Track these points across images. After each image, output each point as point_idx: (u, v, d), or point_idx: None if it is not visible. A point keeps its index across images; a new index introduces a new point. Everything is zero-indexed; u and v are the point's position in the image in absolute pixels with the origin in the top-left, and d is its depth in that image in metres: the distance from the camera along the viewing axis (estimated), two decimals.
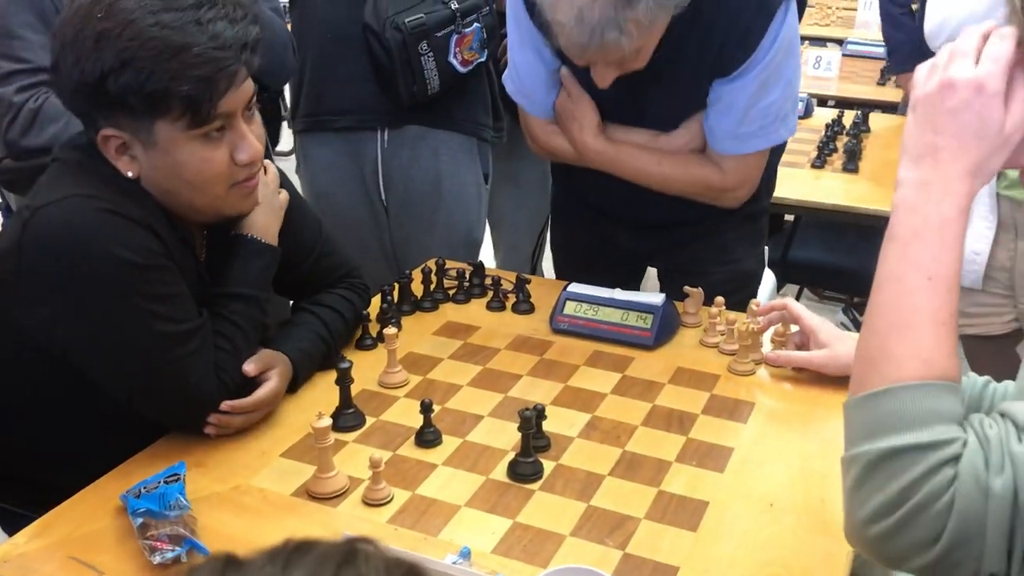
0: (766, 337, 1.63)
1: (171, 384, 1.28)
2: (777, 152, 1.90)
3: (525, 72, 1.81)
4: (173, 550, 1.09)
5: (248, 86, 1.28)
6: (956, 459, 0.78)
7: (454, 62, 2.03)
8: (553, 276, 2.24)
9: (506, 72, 1.89)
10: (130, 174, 1.27)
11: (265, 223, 1.45)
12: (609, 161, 1.77)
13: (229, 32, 1.22)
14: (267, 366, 1.40)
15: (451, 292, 1.83)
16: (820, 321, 1.52)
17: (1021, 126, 0.86)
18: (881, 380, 0.83)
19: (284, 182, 1.56)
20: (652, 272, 2.15)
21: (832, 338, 1.48)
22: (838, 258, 3.08)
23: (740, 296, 1.83)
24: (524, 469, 1.28)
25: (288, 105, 2.48)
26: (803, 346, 1.54)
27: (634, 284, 2.08)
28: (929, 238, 0.85)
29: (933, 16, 2.41)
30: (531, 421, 1.27)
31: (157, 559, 1.08)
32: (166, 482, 1.21)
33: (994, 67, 0.86)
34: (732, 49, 1.61)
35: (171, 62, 1.18)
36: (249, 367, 1.37)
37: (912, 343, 0.83)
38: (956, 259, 0.85)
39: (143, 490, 1.20)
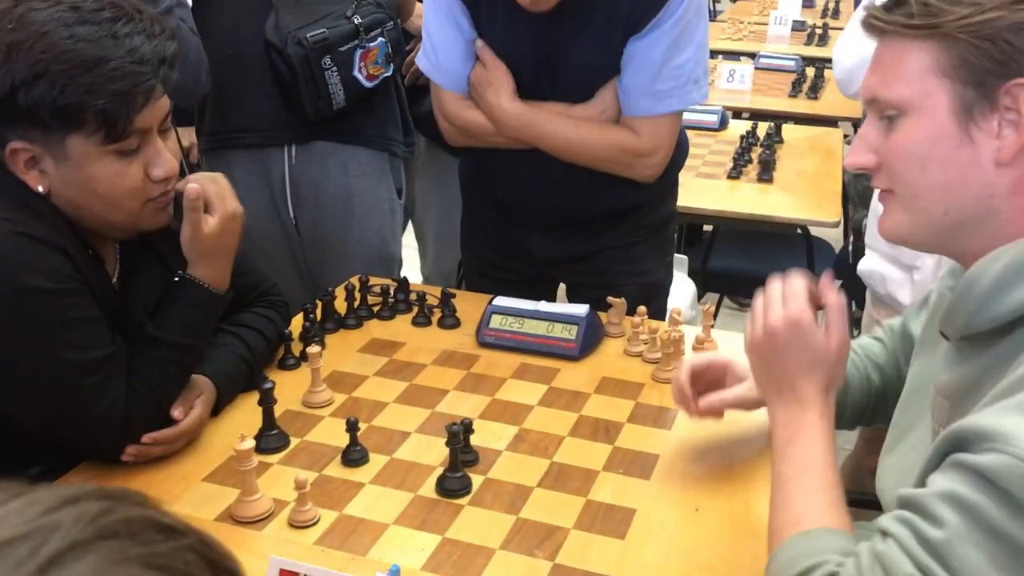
0: (688, 344, 1.65)
1: (74, 414, 1.24)
2: (680, 155, 1.94)
3: (440, 45, 1.81)
4: None
5: (164, 102, 1.26)
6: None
7: (359, 76, 2.02)
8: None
9: (419, 52, 1.89)
10: (40, 188, 1.23)
11: (218, 265, 1.40)
12: (525, 125, 1.77)
13: (146, 47, 1.20)
14: (191, 401, 1.37)
15: (375, 308, 1.82)
16: (728, 356, 1.37)
17: (845, 341, 1.04)
18: (774, 545, 0.98)
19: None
20: (564, 292, 2.17)
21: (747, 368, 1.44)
22: (756, 266, 3.14)
23: (651, 307, 1.85)
24: (452, 484, 1.28)
25: None
26: (720, 386, 1.36)
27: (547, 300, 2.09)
28: (801, 441, 1.01)
29: (842, 62, 2.39)
30: (459, 436, 1.27)
31: None
32: None
33: (799, 303, 1.03)
34: (643, 4, 1.66)
35: (86, 76, 1.16)
36: (176, 412, 1.35)
37: (787, 513, 0.98)
38: (825, 450, 1.00)
39: None
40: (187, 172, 2.34)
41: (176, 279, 1.37)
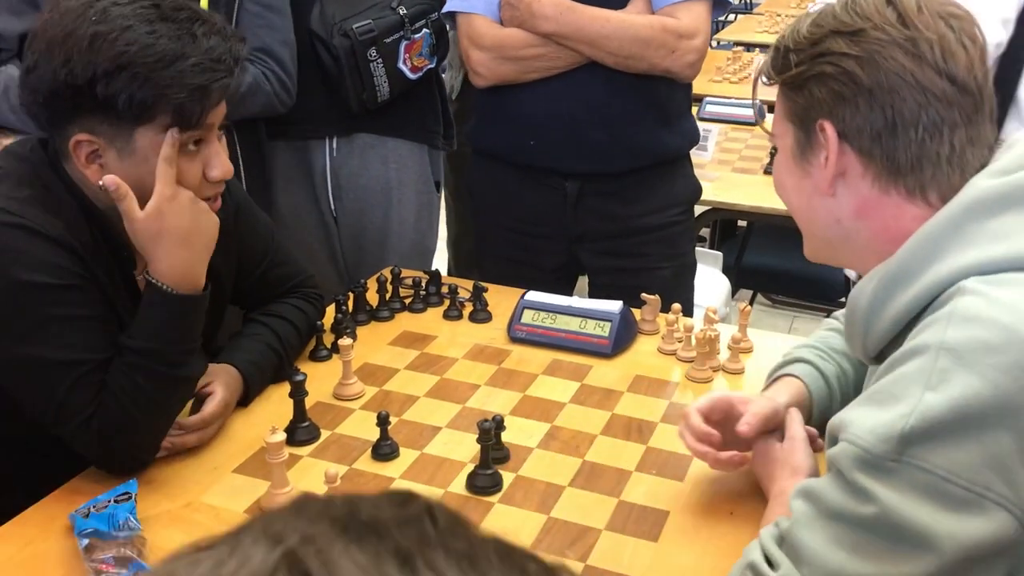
0: (723, 343, 1.63)
1: (53, 412, 1.22)
2: (693, 131, 2.00)
3: None
4: (119, 573, 1.06)
5: (224, 105, 1.27)
6: None
7: (404, 68, 2.01)
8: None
9: None
10: (100, 183, 1.22)
11: (170, 254, 1.23)
12: (564, 12, 1.79)
13: (222, 47, 1.22)
14: (206, 379, 1.36)
15: (407, 301, 1.81)
16: (726, 393, 1.34)
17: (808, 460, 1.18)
18: None
19: (235, 186, 1.53)
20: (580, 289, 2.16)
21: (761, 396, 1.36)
22: (791, 263, 3.11)
23: (682, 291, 1.94)
24: (483, 482, 1.26)
25: None
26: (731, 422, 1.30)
27: (566, 286, 2.10)
28: None
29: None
30: (490, 433, 1.25)
31: None
32: (116, 501, 1.18)
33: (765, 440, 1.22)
34: None
35: (168, 70, 1.18)
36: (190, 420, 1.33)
37: None
38: None
39: (92, 509, 1.16)
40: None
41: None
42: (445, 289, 1.81)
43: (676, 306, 1.68)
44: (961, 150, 0.96)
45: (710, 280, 2.64)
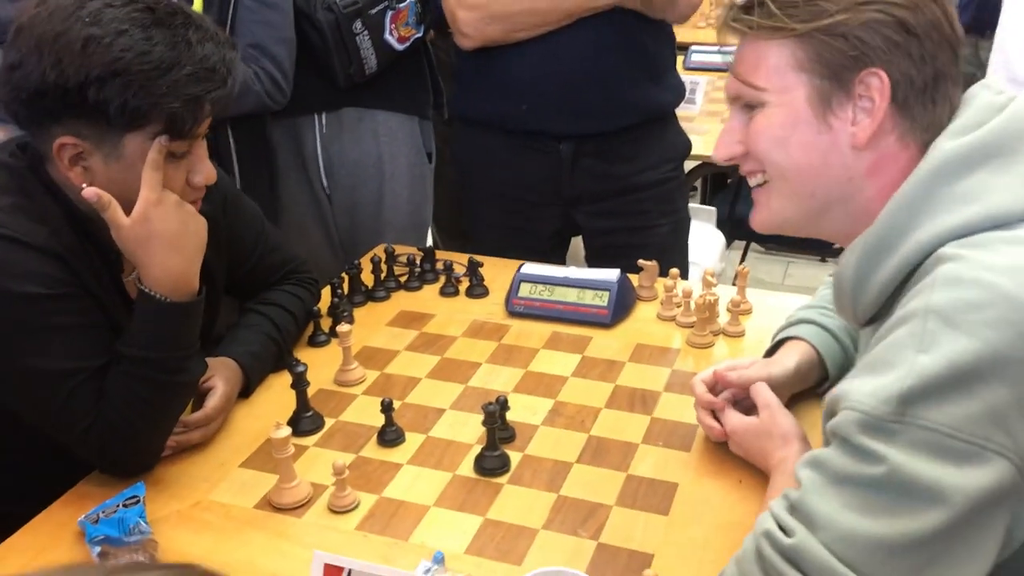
0: (722, 306, 1.62)
1: (53, 421, 1.21)
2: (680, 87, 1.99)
3: None
4: None
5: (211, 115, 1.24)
6: None
7: (390, 39, 1.98)
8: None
9: None
10: (84, 186, 1.20)
11: (159, 260, 1.20)
12: None
13: (216, 55, 1.19)
14: (206, 374, 1.36)
15: (403, 279, 1.80)
16: (725, 363, 1.35)
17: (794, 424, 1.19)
18: None
19: (222, 177, 1.50)
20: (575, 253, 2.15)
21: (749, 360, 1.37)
22: None
23: (678, 248, 1.96)
24: (491, 463, 1.26)
25: None
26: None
27: (560, 250, 2.09)
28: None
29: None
30: (495, 415, 1.25)
31: None
32: (124, 505, 1.17)
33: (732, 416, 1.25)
34: None
35: (163, 79, 1.15)
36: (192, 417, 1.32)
37: None
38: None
39: (101, 515, 1.16)
40: None
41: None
42: (440, 265, 1.80)
43: (674, 271, 1.67)
44: (954, 106, 0.98)
45: (705, 236, 2.64)
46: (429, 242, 2.37)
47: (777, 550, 0.87)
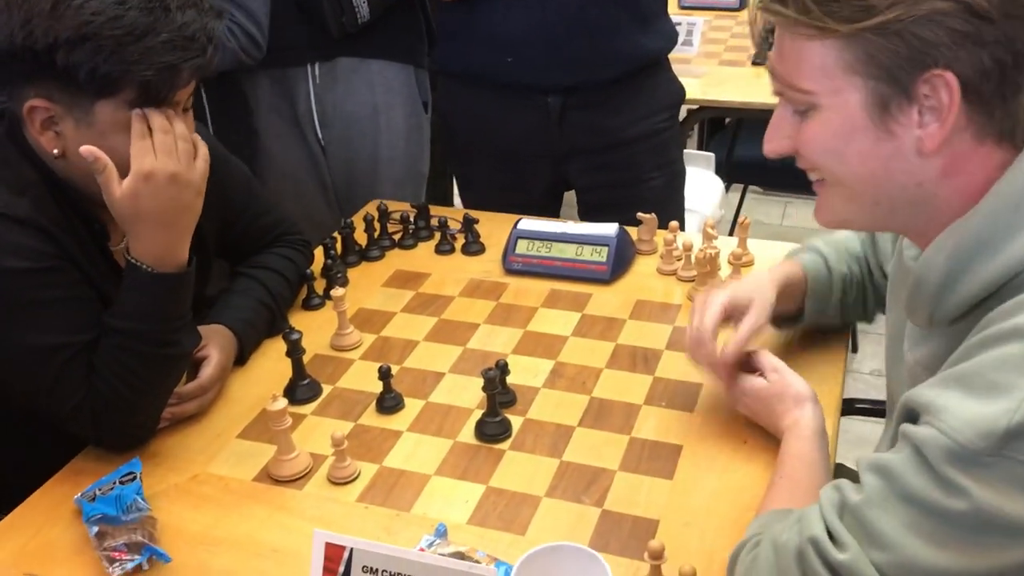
0: (723, 259, 1.59)
1: (45, 396, 1.19)
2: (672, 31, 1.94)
3: None
4: (133, 559, 1.04)
5: (193, 82, 1.19)
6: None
7: None
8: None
9: None
10: (55, 151, 1.17)
11: (149, 236, 1.17)
12: None
13: (197, 23, 1.15)
14: (200, 343, 1.33)
15: (397, 237, 1.76)
16: (724, 293, 1.29)
17: (805, 386, 1.17)
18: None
19: (208, 139, 1.46)
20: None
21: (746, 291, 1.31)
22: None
23: (675, 200, 1.93)
24: (492, 429, 1.25)
25: None
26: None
27: (553, 206, 2.06)
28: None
29: None
30: (495, 381, 1.23)
31: (116, 571, 1.03)
32: (121, 482, 1.16)
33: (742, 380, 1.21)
34: None
35: (135, 46, 1.10)
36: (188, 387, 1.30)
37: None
38: (789, 449, 1.11)
39: (98, 492, 1.14)
40: None
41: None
42: (435, 222, 1.76)
43: (674, 224, 1.64)
44: None
45: (703, 182, 2.59)
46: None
47: (824, 563, 0.81)
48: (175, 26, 1.12)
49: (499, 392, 1.26)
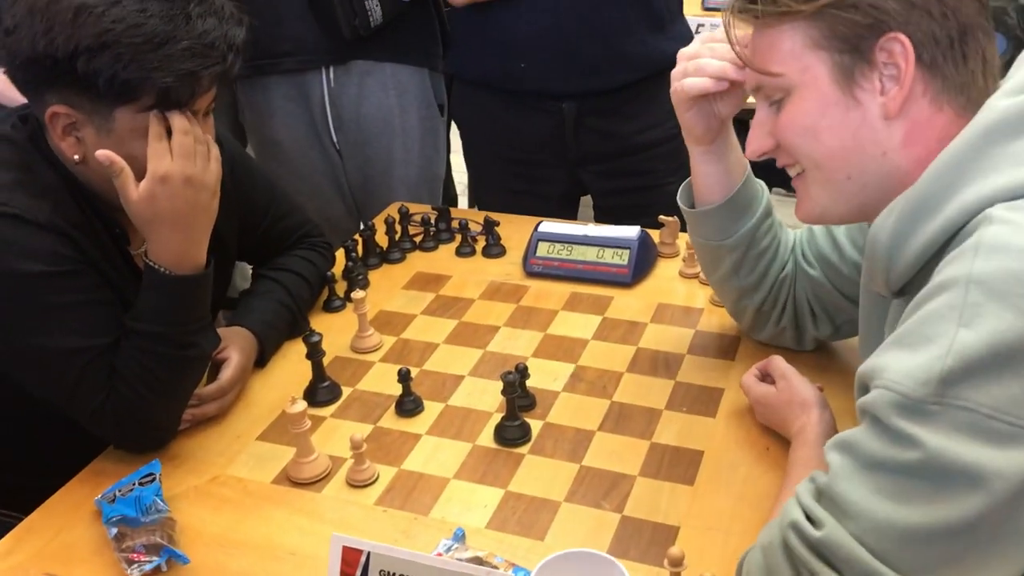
0: None
1: (67, 399, 1.19)
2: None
3: None
4: (151, 561, 1.04)
5: (214, 91, 1.20)
6: None
7: None
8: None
9: None
10: (75, 157, 1.18)
11: (165, 238, 1.17)
12: None
13: (217, 31, 1.15)
14: (220, 345, 1.33)
15: (418, 240, 1.76)
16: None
17: (812, 392, 1.17)
18: None
19: (230, 141, 1.46)
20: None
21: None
22: None
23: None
24: (511, 433, 1.24)
25: None
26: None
27: (569, 212, 2.05)
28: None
29: None
30: (515, 384, 1.22)
31: (135, 572, 1.03)
32: (141, 484, 1.16)
33: (755, 388, 1.23)
34: None
35: (154, 53, 1.11)
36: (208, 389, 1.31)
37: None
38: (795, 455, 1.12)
39: (117, 493, 1.15)
40: None
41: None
42: (455, 224, 1.76)
43: None
44: (991, 61, 0.92)
45: None
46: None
47: (805, 543, 0.83)
48: (195, 34, 1.13)
49: (518, 396, 1.25)
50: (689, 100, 1.21)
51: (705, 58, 1.17)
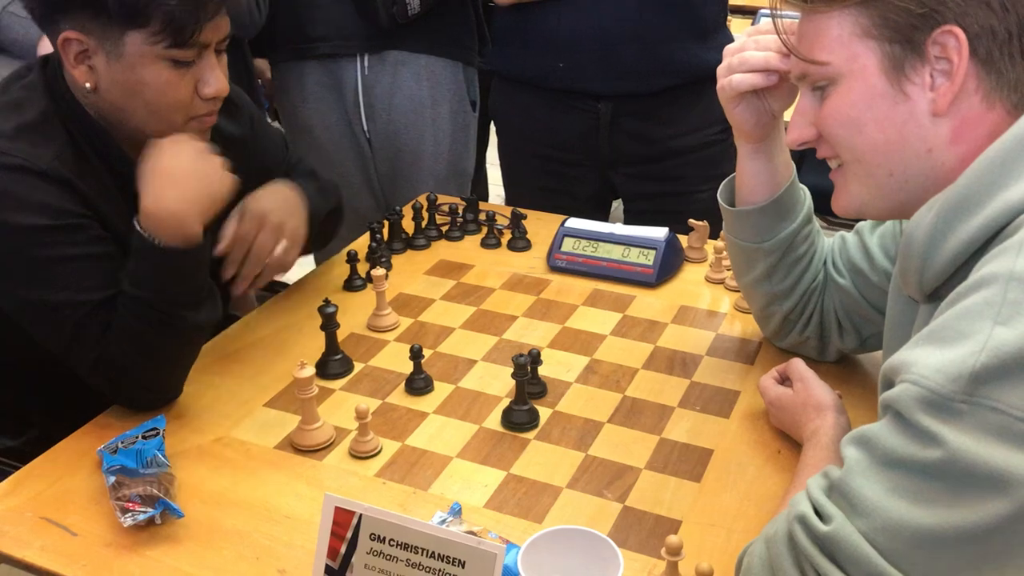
0: None
1: (64, 350, 1.19)
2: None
3: None
4: (145, 512, 1.03)
5: (227, 22, 1.21)
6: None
7: None
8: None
9: None
10: (87, 85, 1.19)
11: (163, 202, 1.16)
12: None
13: None
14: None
15: (444, 229, 1.75)
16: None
17: (829, 394, 1.14)
18: None
19: (241, 94, 1.46)
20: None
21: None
22: None
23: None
24: (518, 418, 1.22)
25: None
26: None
27: (599, 215, 2.02)
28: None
29: None
30: (525, 368, 1.20)
31: (128, 520, 1.02)
32: (144, 437, 1.15)
33: (771, 390, 1.20)
34: None
35: None
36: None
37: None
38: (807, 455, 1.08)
39: (121, 445, 1.14)
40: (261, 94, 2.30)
41: None
42: (483, 216, 1.75)
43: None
44: None
45: None
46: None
47: (811, 538, 0.79)
48: None
49: (529, 380, 1.23)
50: (736, 96, 1.18)
51: (750, 50, 1.15)
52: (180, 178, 1.16)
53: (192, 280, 1.20)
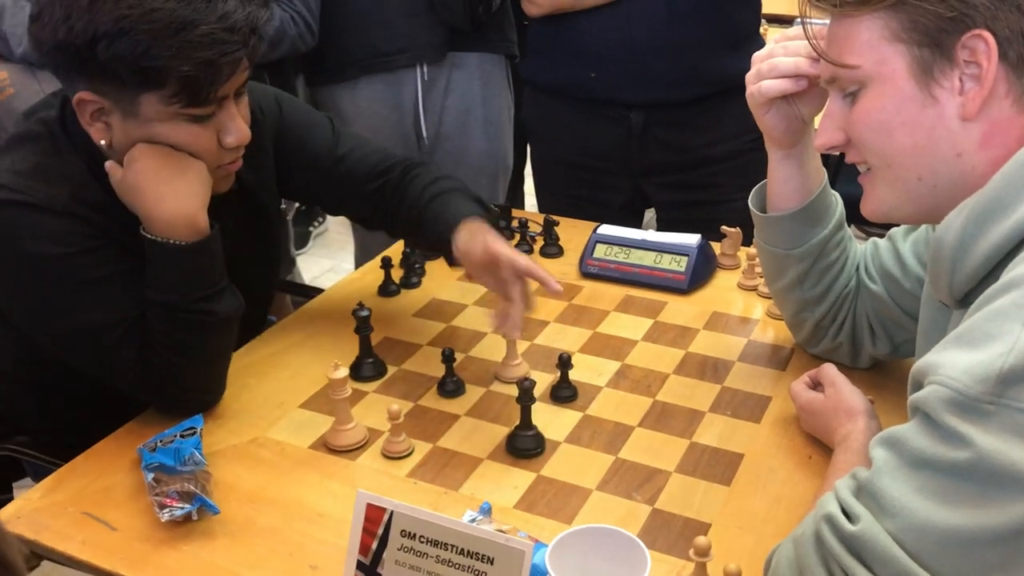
0: None
1: (106, 372, 1.21)
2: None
3: None
4: (182, 507, 1.06)
5: (246, 70, 1.18)
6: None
7: None
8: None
9: None
10: (102, 142, 1.18)
11: (164, 204, 1.16)
12: None
13: (239, 13, 1.11)
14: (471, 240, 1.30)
15: None
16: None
17: (833, 384, 1.16)
18: None
19: (268, 104, 1.42)
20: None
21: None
22: None
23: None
24: (524, 443, 1.18)
25: None
26: None
27: (636, 220, 2.03)
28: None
29: None
30: (530, 392, 1.17)
31: (165, 516, 1.05)
32: (182, 436, 1.18)
33: (802, 394, 1.20)
34: None
35: (173, 39, 1.07)
36: None
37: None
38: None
39: (159, 443, 1.17)
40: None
41: None
42: (515, 223, 1.76)
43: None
44: None
45: None
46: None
47: (838, 537, 0.80)
48: (215, 16, 1.09)
49: (560, 384, 1.24)
50: (766, 103, 1.18)
51: (779, 56, 1.15)
52: (167, 179, 1.16)
53: (211, 271, 1.21)
